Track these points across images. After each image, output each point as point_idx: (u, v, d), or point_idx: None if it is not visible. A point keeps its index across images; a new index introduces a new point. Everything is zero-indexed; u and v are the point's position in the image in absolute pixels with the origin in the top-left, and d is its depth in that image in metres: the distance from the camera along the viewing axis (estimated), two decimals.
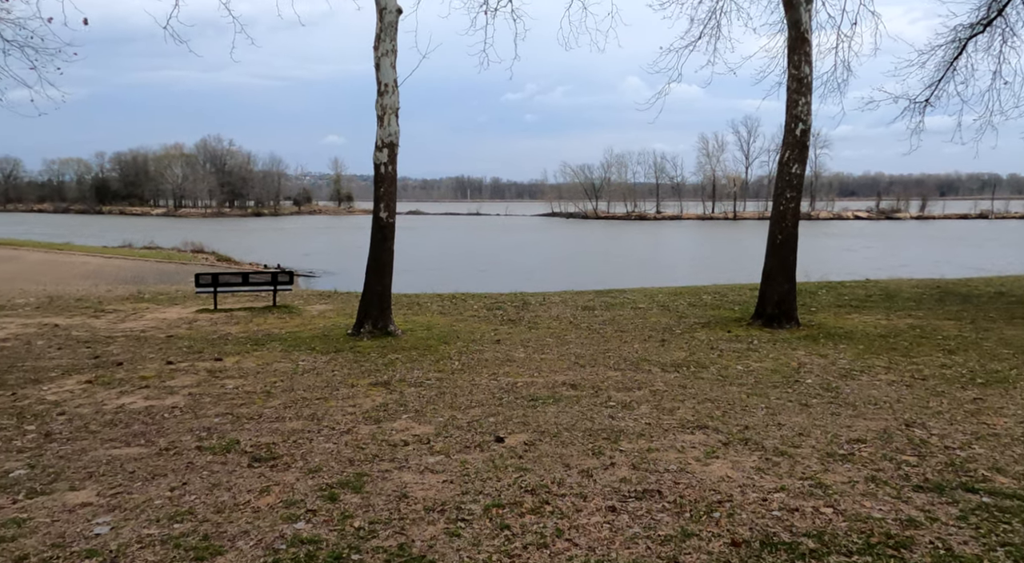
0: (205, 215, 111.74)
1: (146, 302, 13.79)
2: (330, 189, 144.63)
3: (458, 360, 8.32)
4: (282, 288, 13.25)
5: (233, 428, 5.74)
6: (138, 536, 3.74)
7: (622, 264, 37.74)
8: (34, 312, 12.22)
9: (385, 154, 9.69)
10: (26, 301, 13.48)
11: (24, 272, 25.96)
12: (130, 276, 25.88)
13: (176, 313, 12.35)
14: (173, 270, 29.67)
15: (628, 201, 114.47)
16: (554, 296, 14.39)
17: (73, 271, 27.04)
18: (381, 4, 9.53)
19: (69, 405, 6.46)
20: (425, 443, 5.29)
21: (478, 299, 14.13)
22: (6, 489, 4.43)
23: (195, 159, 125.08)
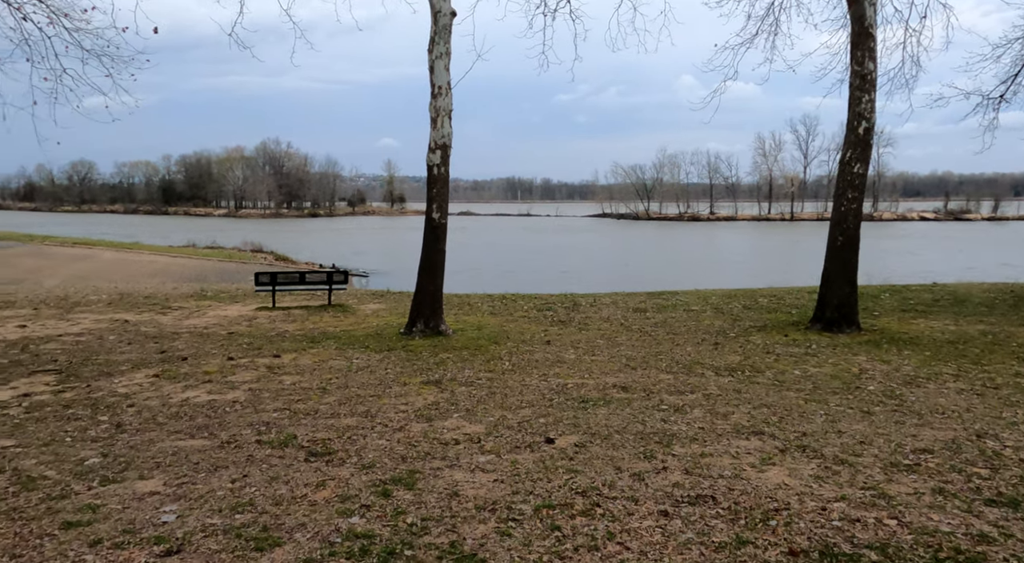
0: (264, 216, 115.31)
1: (209, 300, 14.32)
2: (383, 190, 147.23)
3: (508, 360, 8.35)
4: (337, 287, 13.55)
5: (290, 423, 5.91)
6: (202, 525, 3.89)
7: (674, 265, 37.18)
8: (106, 308, 12.84)
9: (438, 155, 9.81)
10: (99, 298, 14.18)
11: (97, 270, 27.33)
12: (193, 274, 26.94)
13: (237, 311, 12.79)
14: (233, 269, 30.73)
15: (681, 202, 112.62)
16: (604, 297, 14.28)
17: (141, 269, 28.32)
18: (436, 7, 9.65)
19: (138, 398, 6.76)
20: (476, 442, 5.33)
21: (528, 300, 14.14)
22: (81, 476, 4.67)
23: (255, 161, 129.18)
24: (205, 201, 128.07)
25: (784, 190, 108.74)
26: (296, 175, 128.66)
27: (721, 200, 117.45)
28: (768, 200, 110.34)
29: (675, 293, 14.79)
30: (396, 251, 49.33)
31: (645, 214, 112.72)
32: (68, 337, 9.94)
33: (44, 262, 28.57)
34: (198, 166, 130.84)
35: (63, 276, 24.25)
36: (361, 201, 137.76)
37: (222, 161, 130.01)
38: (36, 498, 4.28)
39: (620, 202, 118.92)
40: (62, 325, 10.93)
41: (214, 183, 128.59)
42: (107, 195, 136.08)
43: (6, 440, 5.44)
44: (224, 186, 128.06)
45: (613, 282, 23.12)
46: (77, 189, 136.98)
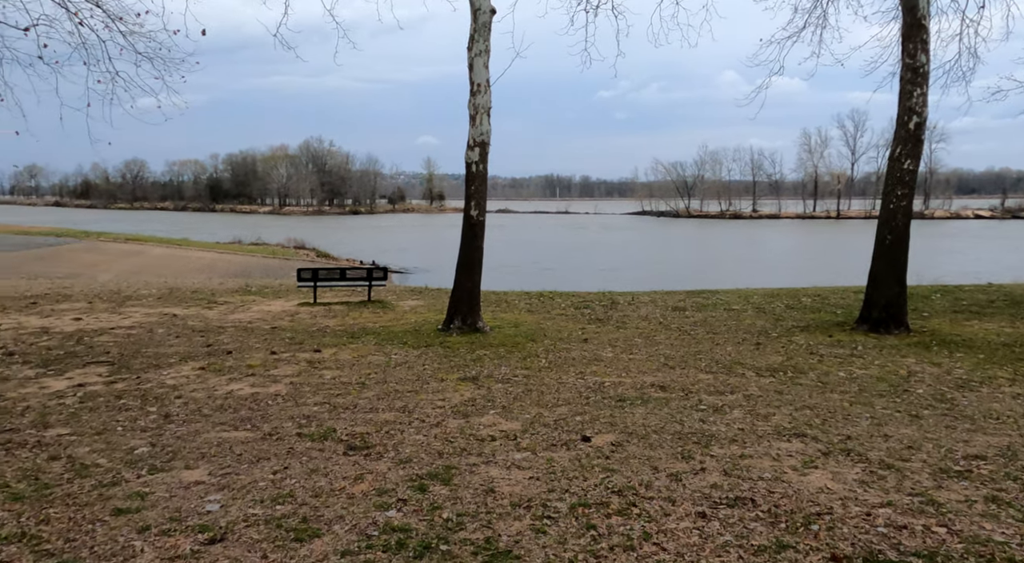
0: (307, 213, 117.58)
1: (253, 295, 14.67)
2: (422, 188, 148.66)
3: (545, 358, 8.34)
4: (376, 284, 13.73)
5: (330, 417, 6.01)
6: (244, 515, 3.98)
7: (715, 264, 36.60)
8: (156, 302, 13.27)
9: (476, 153, 9.84)
10: (149, 292, 14.66)
11: (148, 266, 28.28)
12: (238, 270, 27.64)
13: (279, 306, 13.07)
14: (277, 265, 31.42)
15: (722, 199, 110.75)
16: (643, 296, 14.14)
17: (189, 265, 29.18)
18: (475, 5, 9.67)
19: (185, 389, 6.97)
20: (512, 439, 5.33)
21: (565, 297, 14.10)
22: (131, 465, 4.84)
23: (298, 159, 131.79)
24: (250, 199, 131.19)
25: (830, 187, 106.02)
26: (338, 173, 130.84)
27: (764, 198, 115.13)
28: (813, 198, 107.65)
29: (715, 292, 14.56)
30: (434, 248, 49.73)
31: (686, 212, 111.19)
32: (120, 330, 10.30)
33: (99, 257, 29.68)
34: (244, 164, 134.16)
35: (116, 271, 25.15)
36: (401, 198, 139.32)
37: (267, 159, 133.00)
38: (89, 485, 4.45)
39: (660, 199, 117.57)
40: (114, 318, 11.33)
41: (259, 181, 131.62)
42: (158, 193, 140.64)
43: (62, 428, 5.66)
44: (268, 184, 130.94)
45: (652, 280, 22.88)
46: (130, 187, 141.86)
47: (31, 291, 14.25)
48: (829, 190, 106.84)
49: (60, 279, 19.48)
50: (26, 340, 9.40)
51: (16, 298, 13.15)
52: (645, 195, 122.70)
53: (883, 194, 10.39)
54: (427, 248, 49.96)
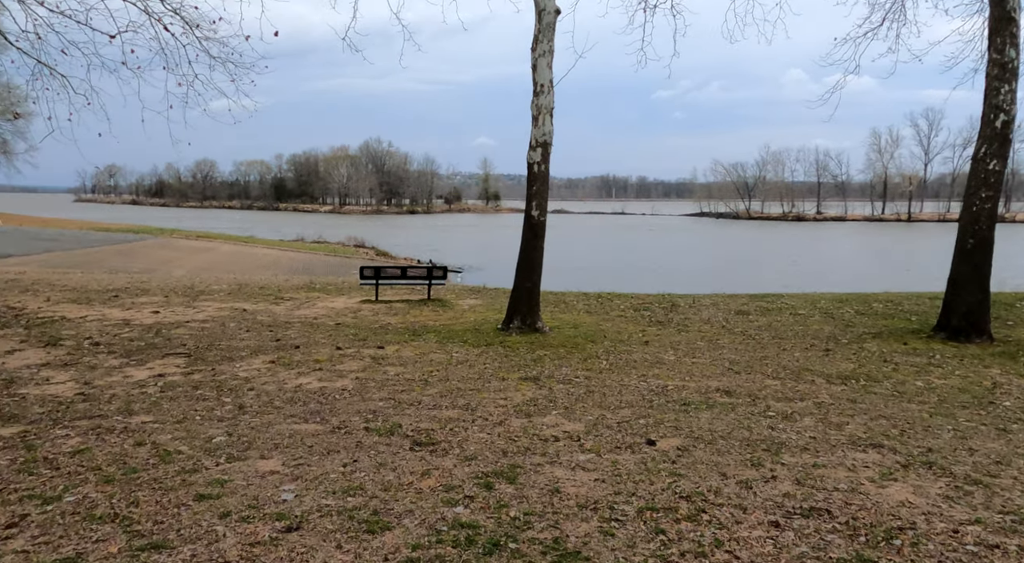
0: (365, 212, 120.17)
1: (317, 292, 15.08)
2: (478, 188, 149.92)
3: (606, 360, 8.28)
4: (436, 282, 13.91)
5: (395, 413, 6.12)
6: (318, 505, 4.11)
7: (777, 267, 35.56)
8: (226, 297, 13.80)
9: (539, 153, 9.86)
10: (219, 288, 15.26)
11: (217, 262, 29.43)
12: (301, 267, 28.46)
13: (343, 303, 13.40)
14: (338, 263, 32.22)
15: (785, 201, 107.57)
16: (704, 299, 13.87)
17: (255, 262, 30.22)
18: (540, 6, 9.69)
19: (257, 382, 7.22)
20: (576, 440, 5.32)
21: (624, 299, 13.96)
22: (210, 453, 5.04)
23: (359, 160, 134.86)
24: (312, 198, 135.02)
25: (900, 189, 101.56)
26: (396, 173, 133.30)
27: (829, 199, 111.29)
28: (882, 200, 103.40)
29: (780, 296, 14.15)
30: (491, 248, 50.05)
31: (746, 213, 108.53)
32: (194, 323, 10.76)
33: (173, 254, 31.07)
34: (306, 164, 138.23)
35: (188, 267, 26.27)
36: (457, 198, 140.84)
37: (328, 160, 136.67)
38: (172, 470, 4.66)
39: (719, 201, 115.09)
40: (189, 312, 11.84)
41: (320, 181, 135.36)
42: (226, 192, 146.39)
43: (145, 416, 5.96)
44: (329, 183, 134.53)
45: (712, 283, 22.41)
46: (200, 186, 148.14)
47: (112, 285, 15.04)
48: (899, 192, 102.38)
49: (137, 274, 20.47)
50: (110, 331, 9.92)
51: (100, 291, 13.90)
52: (704, 196, 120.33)
53: (965, 196, 9.89)
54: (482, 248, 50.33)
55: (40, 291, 13.63)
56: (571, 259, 36.94)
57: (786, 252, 46.08)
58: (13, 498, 4.16)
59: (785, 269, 33.54)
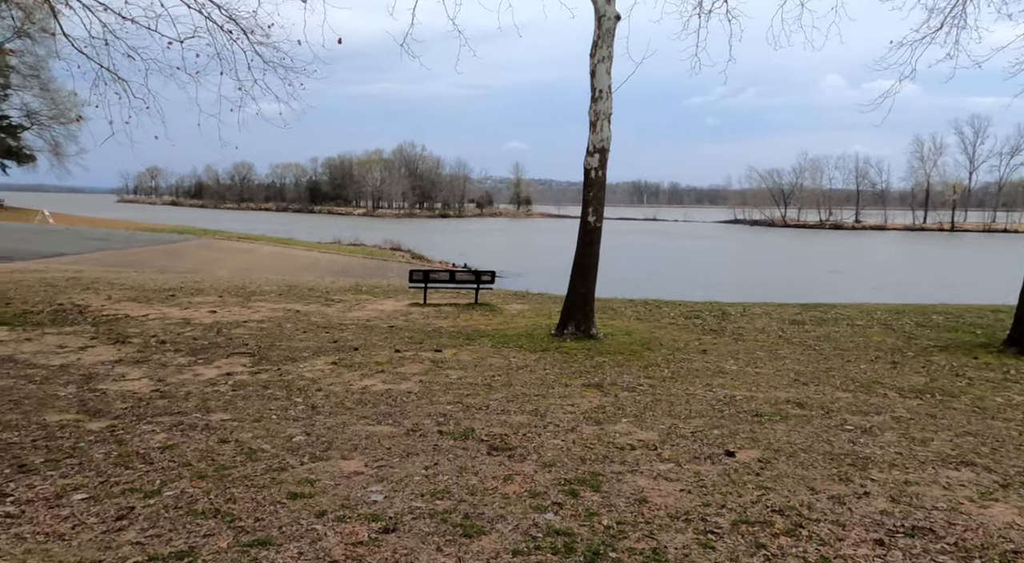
0: (398, 215, 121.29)
1: (364, 294, 15.26)
2: (509, 192, 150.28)
3: (667, 368, 8.22)
4: (484, 287, 13.98)
5: (465, 416, 6.16)
6: (409, 507, 4.15)
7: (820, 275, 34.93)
8: (278, 298, 14.04)
9: (596, 159, 9.85)
10: (270, 289, 15.53)
11: (259, 263, 29.96)
12: (340, 269, 28.81)
13: (391, 305, 13.53)
14: (375, 266, 32.55)
15: (822, 208, 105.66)
16: (754, 307, 13.68)
17: (296, 263, 30.69)
18: (600, 11, 9.69)
19: (323, 383, 7.33)
20: (652, 449, 5.29)
21: (672, 306, 13.85)
22: (293, 452, 5.13)
23: (392, 163, 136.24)
24: (346, 200, 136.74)
25: (944, 198, 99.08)
26: (428, 177, 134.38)
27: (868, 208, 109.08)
28: (924, 208, 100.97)
29: (832, 306, 13.89)
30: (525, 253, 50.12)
31: (782, 221, 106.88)
32: (252, 323, 10.96)
33: (216, 254, 31.72)
34: (341, 168, 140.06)
35: (232, 267, 26.79)
36: (489, 203, 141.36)
37: (362, 163, 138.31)
38: (260, 468, 4.75)
39: (754, 208, 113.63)
40: (245, 312, 12.07)
41: (354, 184, 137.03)
42: (262, 194, 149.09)
43: (222, 414, 6.08)
44: (363, 187, 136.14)
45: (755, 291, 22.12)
46: (238, 188, 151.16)
47: (167, 285, 15.42)
48: (942, 201, 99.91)
49: (185, 273, 20.94)
50: (172, 330, 10.16)
51: (156, 290, 14.25)
52: (738, 203, 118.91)
53: None
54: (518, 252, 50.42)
55: (100, 289, 14.03)
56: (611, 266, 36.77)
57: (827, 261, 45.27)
58: (116, 491, 4.28)
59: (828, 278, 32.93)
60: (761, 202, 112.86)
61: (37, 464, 4.69)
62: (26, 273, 16.83)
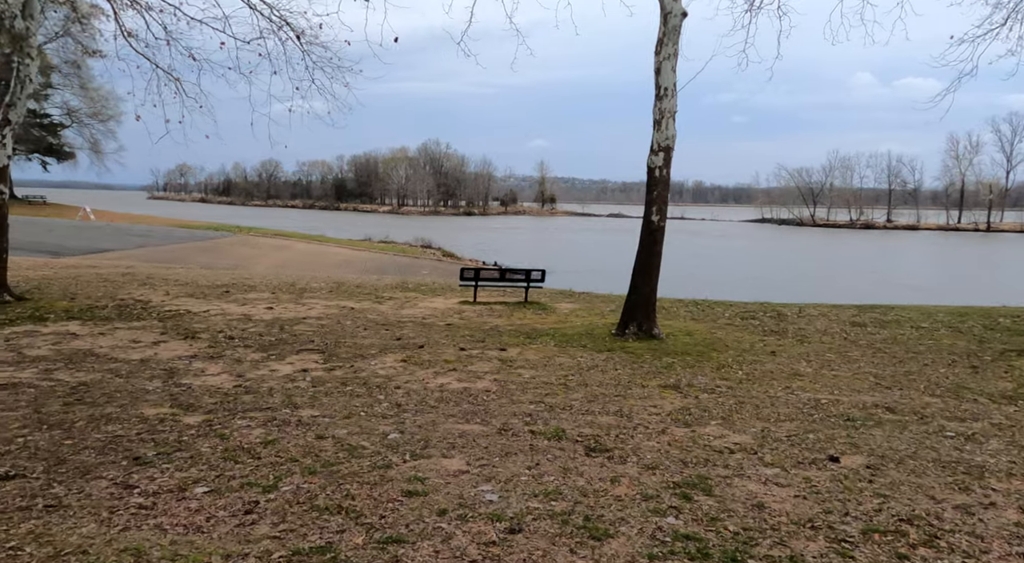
0: (423, 213, 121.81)
1: (411, 292, 15.31)
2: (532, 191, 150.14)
3: (740, 369, 8.12)
4: (534, 285, 13.95)
5: (551, 417, 6.13)
6: (526, 508, 4.13)
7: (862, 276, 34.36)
8: (329, 295, 14.15)
9: (661, 157, 9.76)
10: (319, 286, 15.66)
11: (295, 260, 30.26)
12: (374, 267, 28.99)
13: (441, 303, 13.56)
14: (407, 263, 32.69)
15: (853, 208, 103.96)
16: (809, 308, 13.48)
17: (330, 260, 30.95)
18: (667, 8, 9.59)
19: (399, 380, 7.35)
20: (752, 453, 5.22)
21: (725, 307, 13.69)
22: (392, 449, 5.14)
23: (417, 161, 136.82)
24: (371, 198, 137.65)
25: (979, 197, 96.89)
26: (453, 175, 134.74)
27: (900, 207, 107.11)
28: (958, 208, 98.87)
29: (890, 307, 13.63)
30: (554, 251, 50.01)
31: (811, 220, 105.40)
32: (311, 320, 11.05)
33: (253, 251, 32.11)
34: (367, 166, 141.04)
35: (269, 263, 27.11)
36: (513, 201, 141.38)
37: (387, 161, 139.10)
38: (366, 465, 4.77)
39: (782, 207, 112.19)
40: (300, 309, 12.17)
41: (379, 182, 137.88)
42: (289, 191, 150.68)
43: (310, 410, 6.13)
44: (388, 184, 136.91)
45: (797, 290, 21.80)
46: (265, 185, 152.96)
47: (219, 281, 15.62)
48: (977, 200, 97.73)
49: (228, 269, 21.22)
50: (236, 326, 10.28)
51: (210, 287, 14.45)
52: (765, 202, 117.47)
53: None
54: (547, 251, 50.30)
55: (156, 285, 14.25)
56: None
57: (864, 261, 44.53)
58: (235, 485, 4.33)
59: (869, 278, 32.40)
60: (789, 201, 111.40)
61: (150, 457, 4.76)
62: (81, 268, 17.18)
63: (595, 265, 35.42)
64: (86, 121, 50.93)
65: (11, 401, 5.94)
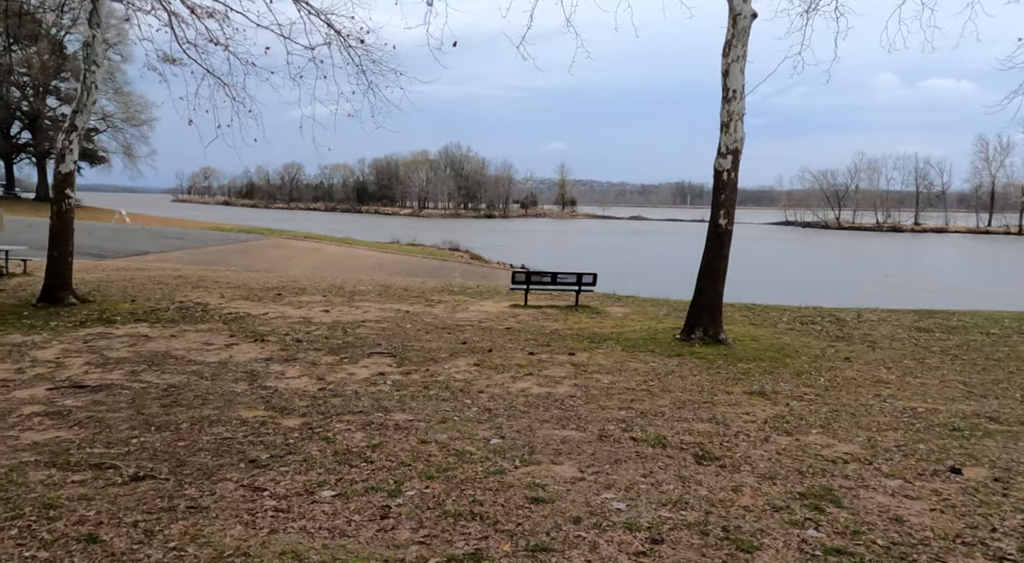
0: (444, 215, 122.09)
1: (458, 295, 15.29)
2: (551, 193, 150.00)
3: (820, 376, 7.98)
4: (585, 289, 13.86)
5: (646, 422, 6.04)
6: (658, 517, 4.05)
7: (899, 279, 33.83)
8: (378, 298, 14.17)
9: (729, 160, 9.65)
10: (367, 289, 15.70)
11: (329, 262, 30.44)
12: (406, 269, 29.06)
13: (493, 306, 13.51)
14: (437, 266, 32.75)
15: (880, 210, 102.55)
16: (867, 313, 13.25)
17: (362, 263, 31.09)
18: (736, 9, 9.49)
19: (479, 384, 7.29)
20: (867, 463, 5.10)
21: (780, 311, 13.51)
22: (498, 454, 5.09)
23: (437, 164, 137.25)
24: (392, 201, 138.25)
25: (1010, 200, 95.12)
26: (474, 177, 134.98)
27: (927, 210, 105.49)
28: (988, 211, 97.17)
29: (952, 313, 13.36)
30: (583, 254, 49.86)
31: (836, 223, 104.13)
32: (370, 323, 11.05)
33: (287, 254, 32.36)
34: (387, 168, 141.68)
35: (305, 266, 27.28)
36: (533, 203, 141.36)
37: (408, 164, 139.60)
38: (479, 471, 4.72)
39: (806, 209, 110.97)
40: (356, 312, 12.19)
41: (401, 184, 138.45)
42: (310, 194, 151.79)
43: (403, 414, 6.09)
44: (409, 187, 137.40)
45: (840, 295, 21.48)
46: (287, 188, 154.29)
47: (268, 284, 15.72)
48: (1007, 203, 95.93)
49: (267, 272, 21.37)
50: (299, 329, 10.31)
51: (262, 290, 14.54)
52: (787, 204, 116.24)
53: None
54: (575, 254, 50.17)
55: (209, 288, 14.37)
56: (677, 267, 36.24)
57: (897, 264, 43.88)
58: (359, 488, 4.30)
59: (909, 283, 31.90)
60: (813, 203, 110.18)
61: (265, 459, 4.76)
62: (131, 271, 17.39)
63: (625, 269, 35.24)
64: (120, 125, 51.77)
65: (111, 402, 5.99)
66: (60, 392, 6.27)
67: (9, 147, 57.47)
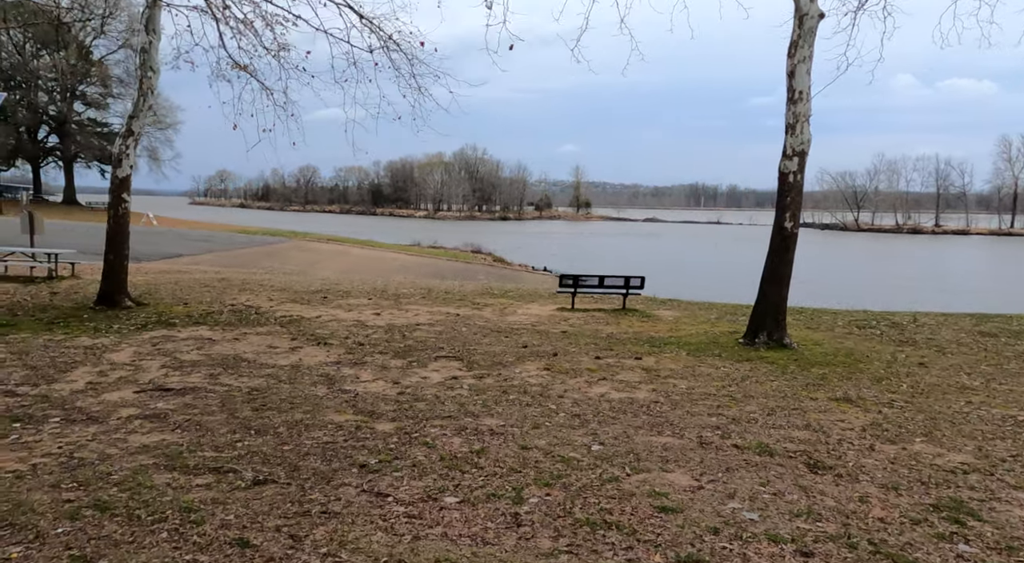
0: (459, 218, 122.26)
1: (501, 297, 15.20)
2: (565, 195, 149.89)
3: (901, 382, 7.81)
4: (633, 292, 13.73)
5: (741, 429, 5.91)
6: (796, 529, 3.93)
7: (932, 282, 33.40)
8: (423, 301, 14.10)
9: (795, 162, 9.49)
10: (410, 291, 15.65)
11: (357, 265, 30.47)
12: (433, 271, 29.01)
13: (540, 309, 13.41)
14: (462, 268, 32.68)
15: (900, 212, 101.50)
16: (923, 316, 13.03)
17: (389, 265, 31.09)
18: (803, 10, 9.34)
19: (556, 389, 7.18)
20: (987, 474, 4.94)
21: (832, 315, 13.31)
22: (604, 460, 4.98)
23: (452, 166, 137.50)
24: (407, 203, 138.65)
25: None
26: (489, 179, 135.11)
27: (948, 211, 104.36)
28: (1011, 212, 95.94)
29: (1008, 317, 13.10)
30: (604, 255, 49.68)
31: (855, 225, 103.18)
32: (424, 326, 10.98)
33: (313, 256, 32.44)
34: (402, 171, 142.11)
35: (333, 269, 27.30)
36: (548, 205, 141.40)
37: (423, 166, 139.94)
38: (592, 478, 4.61)
39: (824, 211, 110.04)
40: (407, 315, 12.13)
41: (416, 186, 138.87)
42: (326, 196, 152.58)
43: (493, 418, 6.00)
44: (424, 189, 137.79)
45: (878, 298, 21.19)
46: (303, 191, 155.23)
47: (312, 287, 15.72)
48: None
49: (299, 275, 21.40)
50: (356, 332, 10.26)
51: (307, 292, 14.52)
52: (806, 206, 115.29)
53: None
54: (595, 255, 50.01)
55: (255, 290, 14.38)
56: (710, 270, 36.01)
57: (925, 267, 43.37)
58: (480, 495, 4.21)
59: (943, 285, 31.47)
60: (831, 205, 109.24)
61: (373, 464, 4.69)
62: (173, 273, 17.47)
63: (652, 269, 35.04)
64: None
65: (202, 405, 5.94)
66: (148, 395, 6.23)
67: (37, 151, 58.19)
